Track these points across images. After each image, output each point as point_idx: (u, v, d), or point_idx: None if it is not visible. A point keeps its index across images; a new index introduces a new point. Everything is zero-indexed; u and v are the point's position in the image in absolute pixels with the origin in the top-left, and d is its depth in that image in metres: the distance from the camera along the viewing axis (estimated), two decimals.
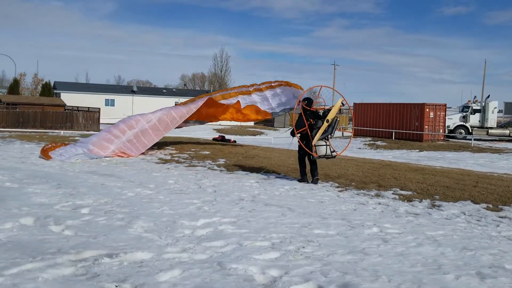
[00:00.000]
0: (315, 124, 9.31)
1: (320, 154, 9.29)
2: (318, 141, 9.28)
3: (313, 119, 9.38)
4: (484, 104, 36.02)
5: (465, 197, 8.11)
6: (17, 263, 3.90)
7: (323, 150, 9.31)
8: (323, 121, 9.28)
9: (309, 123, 9.34)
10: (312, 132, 9.30)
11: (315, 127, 9.30)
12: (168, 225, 5.53)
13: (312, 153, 9.27)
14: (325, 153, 9.33)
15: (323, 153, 9.32)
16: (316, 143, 9.26)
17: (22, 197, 6.79)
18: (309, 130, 9.34)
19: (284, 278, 3.87)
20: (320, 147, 9.30)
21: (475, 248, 5.07)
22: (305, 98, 9.78)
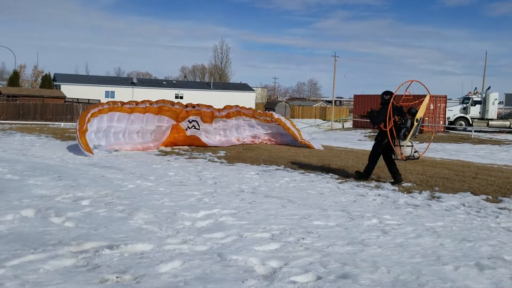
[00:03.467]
0: (403, 123, 8.33)
1: (405, 155, 8.47)
2: (404, 141, 8.40)
3: (397, 115, 8.38)
4: (484, 96, 35.96)
5: (465, 189, 8.12)
6: (19, 255, 3.92)
7: (409, 151, 8.51)
8: (413, 120, 8.34)
9: (393, 119, 8.31)
10: (401, 132, 8.32)
11: (404, 126, 8.32)
12: (168, 217, 5.55)
13: (398, 154, 8.37)
14: (410, 154, 8.53)
15: (409, 154, 8.51)
16: (402, 144, 8.38)
17: (23, 189, 6.81)
18: (395, 129, 8.32)
19: (284, 269, 3.90)
20: (406, 147, 8.45)
21: (474, 239, 5.09)
22: (387, 91, 8.62)
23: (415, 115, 8.35)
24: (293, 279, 3.69)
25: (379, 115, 8.53)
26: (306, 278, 3.74)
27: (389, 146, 8.46)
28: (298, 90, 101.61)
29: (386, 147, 8.57)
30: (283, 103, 64.38)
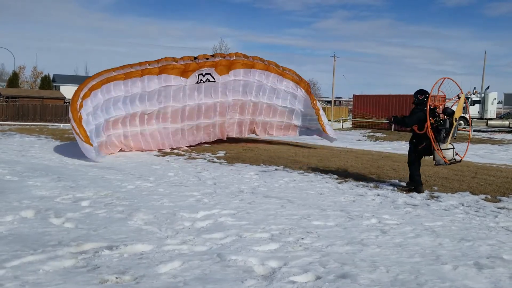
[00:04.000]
0: (442, 124, 7.72)
1: (448, 158, 7.78)
2: (444, 144, 7.81)
3: (432, 117, 7.76)
4: (483, 95, 35.99)
5: (464, 188, 8.14)
6: (18, 256, 3.93)
7: (451, 154, 7.82)
8: (451, 121, 7.76)
9: (430, 121, 7.68)
10: (441, 134, 7.71)
11: (443, 127, 7.70)
12: (168, 218, 5.55)
13: (441, 157, 7.72)
14: (452, 157, 7.85)
15: (451, 157, 7.82)
16: (443, 147, 7.76)
17: (22, 190, 6.82)
18: (433, 131, 7.67)
19: (283, 269, 3.91)
20: (447, 150, 7.78)
21: (473, 239, 5.10)
22: (421, 91, 8.01)
23: (452, 115, 7.76)
24: (293, 279, 3.70)
25: (411, 116, 7.95)
26: (306, 278, 3.75)
27: (428, 150, 7.83)
28: None
29: (424, 151, 7.95)
30: None
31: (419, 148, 7.96)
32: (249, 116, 14.97)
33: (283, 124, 15.51)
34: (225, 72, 13.42)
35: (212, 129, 14.30)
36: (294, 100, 14.95)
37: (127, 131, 12.48)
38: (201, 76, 12.99)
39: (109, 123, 11.95)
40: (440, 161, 7.81)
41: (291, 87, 14.71)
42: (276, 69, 14.36)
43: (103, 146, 11.86)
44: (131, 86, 12.07)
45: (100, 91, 11.66)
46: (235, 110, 14.54)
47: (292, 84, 14.68)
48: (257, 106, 14.76)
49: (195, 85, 13.05)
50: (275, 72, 14.35)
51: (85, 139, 10.49)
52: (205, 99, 13.48)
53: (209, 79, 13.15)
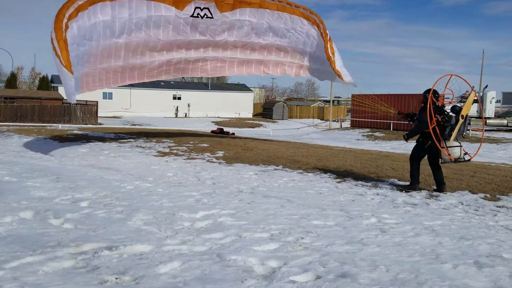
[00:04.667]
0: (447, 121, 7.67)
1: (454, 156, 7.69)
2: (452, 141, 7.73)
3: (439, 115, 7.76)
4: (482, 94, 36.05)
5: (463, 187, 8.14)
6: (17, 257, 3.92)
7: (458, 152, 7.71)
8: (458, 118, 7.67)
9: (436, 119, 7.66)
10: (446, 131, 7.68)
11: (448, 125, 7.67)
12: (167, 218, 5.55)
13: (447, 155, 7.65)
14: (459, 155, 7.73)
15: (458, 155, 7.71)
16: (449, 144, 7.69)
17: (21, 191, 6.80)
18: (438, 128, 7.66)
19: (283, 269, 3.90)
20: (454, 148, 7.69)
21: (473, 238, 5.11)
22: (429, 90, 7.91)
23: (459, 112, 7.68)
24: (293, 279, 3.70)
25: (421, 116, 7.85)
26: (306, 278, 3.74)
27: (434, 148, 7.77)
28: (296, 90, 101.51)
29: (431, 150, 7.88)
30: (281, 103, 64.38)
31: (425, 147, 7.90)
32: (256, 57, 13.89)
33: (295, 65, 14.53)
34: (228, 9, 11.80)
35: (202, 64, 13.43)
36: (308, 40, 13.48)
37: (111, 65, 11.59)
38: (199, 9, 11.52)
39: (93, 55, 10.93)
40: (446, 159, 7.72)
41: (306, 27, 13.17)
42: (289, 8, 12.83)
43: (84, 80, 10.98)
44: (118, 10, 10.79)
45: (86, 13, 10.28)
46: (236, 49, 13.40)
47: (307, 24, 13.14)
48: (265, 47, 13.59)
49: (190, 19, 11.69)
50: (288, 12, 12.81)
51: (65, 63, 9.26)
52: (199, 36, 12.32)
53: (206, 15, 11.65)
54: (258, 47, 13.56)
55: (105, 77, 11.87)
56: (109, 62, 11.47)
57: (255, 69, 14.63)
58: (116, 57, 11.49)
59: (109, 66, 11.59)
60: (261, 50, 13.81)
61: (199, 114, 56.69)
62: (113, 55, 11.37)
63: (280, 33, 13.16)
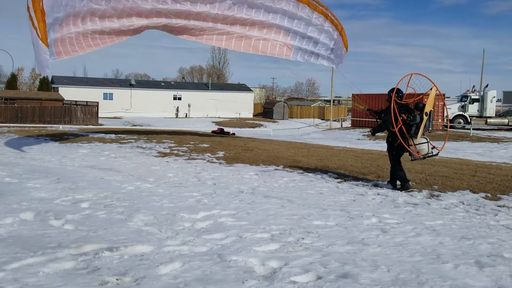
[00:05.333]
0: (412, 120, 7.84)
1: (423, 153, 7.90)
2: (419, 138, 7.88)
3: (404, 113, 7.91)
4: (482, 94, 36.02)
5: (464, 187, 8.13)
6: (18, 258, 3.92)
7: (426, 148, 7.90)
8: (422, 115, 7.85)
9: (401, 118, 7.81)
10: (412, 129, 7.84)
11: (413, 123, 7.83)
12: (168, 218, 5.54)
13: (414, 153, 7.85)
14: (427, 151, 7.93)
15: (426, 151, 7.91)
16: (417, 141, 7.85)
17: (22, 192, 6.80)
18: (405, 127, 7.83)
19: (284, 269, 3.90)
20: (422, 145, 7.88)
21: (474, 237, 5.10)
22: (393, 89, 8.06)
23: (423, 109, 7.89)
24: (293, 279, 3.69)
25: (386, 116, 8.04)
26: (306, 278, 3.74)
27: (402, 147, 7.92)
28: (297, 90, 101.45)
29: (399, 149, 8.04)
30: (282, 103, 64.36)
31: (395, 146, 8.06)
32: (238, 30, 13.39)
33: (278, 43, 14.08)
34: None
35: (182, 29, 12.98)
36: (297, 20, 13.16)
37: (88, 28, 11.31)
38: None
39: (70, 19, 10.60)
40: (414, 156, 7.94)
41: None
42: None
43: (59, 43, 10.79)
44: None
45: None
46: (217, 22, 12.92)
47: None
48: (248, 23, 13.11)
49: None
50: None
51: (42, 36, 8.88)
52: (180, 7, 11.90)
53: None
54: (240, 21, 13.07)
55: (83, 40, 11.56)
56: (86, 26, 11.15)
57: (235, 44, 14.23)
58: (93, 21, 11.20)
59: (86, 30, 11.29)
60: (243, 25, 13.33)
61: (199, 114, 56.69)
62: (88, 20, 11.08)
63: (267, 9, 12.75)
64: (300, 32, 13.53)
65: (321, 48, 13.78)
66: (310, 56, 14.14)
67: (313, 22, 13.17)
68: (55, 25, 10.07)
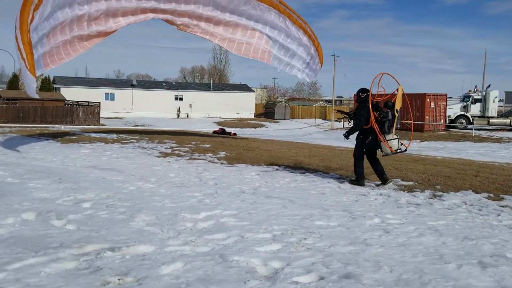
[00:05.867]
0: (384, 117, 8.21)
1: (394, 148, 8.30)
2: (389, 135, 8.31)
3: (375, 111, 8.29)
4: (485, 94, 35.97)
5: (466, 187, 8.11)
6: (20, 258, 3.91)
7: (396, 144, 8.34)
8: (393, 112, 8.26)
9: (373, 116, 8.22)
10: (384, 126, 8.21)
11: (386, 119, 8.20)
12: (169, 218, 5.53)
13: (388, 148, 8.24)
14: (398, 147, 8.35)
15: (396, 147, 8.33)
16: (388, 138, 8.28)
17: (23, 192, 6.80)
18: (377, 124, 8.22)
19: (286, 269, 3.89)
20: (393, 141, 8.31)
21: (477, 238, 5.08)
22: (363, 89, 8.55)
23: (392, 107, 8.29)
24: (296, 280, 3.68)
25: (359, 117, 8.37)
26: (309, 279, 3.72)
27: (375, 143, 8.32)
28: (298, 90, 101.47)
29: (372, 145, 8.40)
30: (283, 103, 64.37)
31: (366, 143, 8.42)
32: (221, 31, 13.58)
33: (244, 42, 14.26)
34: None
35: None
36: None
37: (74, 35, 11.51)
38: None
39: (56, 29, 10.80)
40: (387, 151, 8.33)
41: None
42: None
43: (47, 56, 11.05)
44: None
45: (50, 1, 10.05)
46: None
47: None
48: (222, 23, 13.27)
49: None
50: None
51: (30, 68, 9.29)
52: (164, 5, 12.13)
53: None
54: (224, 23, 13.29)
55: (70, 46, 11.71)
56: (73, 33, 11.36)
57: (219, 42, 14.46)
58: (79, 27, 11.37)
59: (73, 37, 11.49)
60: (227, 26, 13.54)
61: (201, 114, 56.73)
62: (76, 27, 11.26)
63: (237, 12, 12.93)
64: (280, 42, 13.93)
65: (298, 61, 14.36)
66: (285, 66, 14.72)
67: (292, 34, 13.66)
68: (42, 40, 10.27)
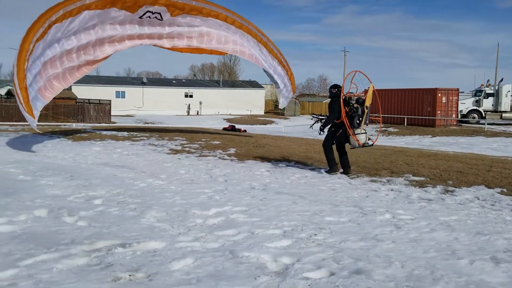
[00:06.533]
0: (355, 112, 8.78)
1: (362, 142, 8.86)
2: (358, 129, 8.86)
3: (346, 106, 8.85)
4: (497, 88, 35.51)
5: (479, 182, 8.01)
6: (32, 254, 3.95)
7: (364, 138, 8.90)
8: (363, 109, 8.78)
9: (345, 110, 8.76)
10: (354, 121, 8.79)
11: (355, 114, 8.77)
12: (180, 215, 5.55)
13: (356, 141, 8.79)
14: (365, 141, 8.92)
15: (364, 141, 8.90)
16: (357, 132, 8.83)
17: (35, 189, 6.87)
18: (348, 118, 8.77)
19: (296, 265, 3.87)
20: (360, 135, 8.87)
21: (489, 233, 5.02)
22: (334, 85, 9.17)
23: (363, 104, 8.80)
24: (306, 275, 3.66)
25: (332, 112, 8.93)
26: (319, 274, 3.71)
27: (345, 136, 8.89)
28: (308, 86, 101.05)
29: (341, 138, 8.98)
30: (293, 99, 64.17)
31: (337, 135, 9.02)
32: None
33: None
34: (179, 14, 12.35)
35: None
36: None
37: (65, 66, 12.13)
38: (150, 13, 12.01)
39: (47, 64, 11.39)
40: (355, 144, 8.88)
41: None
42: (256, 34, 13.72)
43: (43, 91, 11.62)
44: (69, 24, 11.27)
45: (42, 41, 10.87)
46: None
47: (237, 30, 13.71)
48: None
49: (137, 19, 12.24)
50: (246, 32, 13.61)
51: (27, 109, 10.18)
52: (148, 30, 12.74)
53: (157, 17, 12.15)
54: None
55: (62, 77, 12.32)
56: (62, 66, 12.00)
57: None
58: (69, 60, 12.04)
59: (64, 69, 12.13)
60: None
61: (210, 111, 56.81)
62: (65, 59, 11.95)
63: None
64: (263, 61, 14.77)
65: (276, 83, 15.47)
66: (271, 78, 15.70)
67: (269, 62, 14.65)
68: (35, 77, 10.96)
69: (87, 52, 12.23)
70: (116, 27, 12.24)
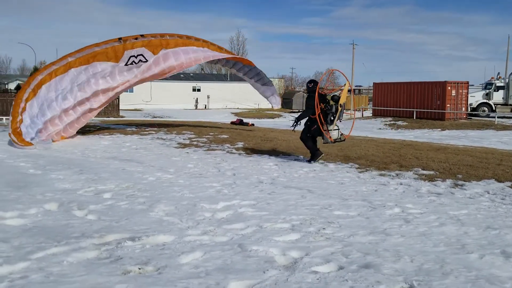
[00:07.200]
0: (329, 109, 9.22)
1: (334, 137, 9.37)
2: (331, 125, 9.31)
3: (322, 102, 9.30)
4: (508, 81, 35.11)
5: (489, 176, 7.94)
6: (43, 248, 3.99)
7: (336, 134, 9.41)
8: (337, 106, 9.22)
9: (320, 107, 9.21)
10: (328, 117, 9.23)
11: (330, 112, 9.21)
12: (188, 209, 5.57)
13: (328, 137, 9.27)
14: (337, 136, 9.44)
15: (336, 136, 9.42)
16: (330, 128, 9.28)
17: (45, 183, 6.93)
18: (322, 114, 9.23)
19: (304, 259, 3.87)
20: (333, 131, 9.33)
21: (500, 227, 4.98)
22: (311, 80, 9.63)
23: (338, 101, 9.22)
24: (315, 269, 3.67)
25: (307, 107, 9.37)
26: (328, 268, 3.71)
27: (318, 131, 9.31)
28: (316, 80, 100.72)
29: (315, 132, 9.43)
30: (301, 93, 63.93)
31: (311, 130, 9.46)
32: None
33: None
34: (159, 49, 12.95)
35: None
36: None
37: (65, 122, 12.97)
38: (133, 57, 12.57)
39: (47, 123, 12.38)
40: (327, 140, 9.34)
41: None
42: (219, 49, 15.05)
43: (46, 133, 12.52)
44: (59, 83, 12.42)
45: (35, 99, 12.25)
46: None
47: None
48: None
49: (124, 67, 12.70)
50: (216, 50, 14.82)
51: (20, 141, 11.58)
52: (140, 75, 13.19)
53: (141, 60, 12.64)
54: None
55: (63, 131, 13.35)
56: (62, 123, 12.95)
57: None
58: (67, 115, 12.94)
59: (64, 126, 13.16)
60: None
61: (218, 105, 56.81)
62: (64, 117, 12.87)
63: None
64: None
65: None
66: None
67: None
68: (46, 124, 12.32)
69: (83, 105, 13.00)
70: (107, 79, 12.84)
